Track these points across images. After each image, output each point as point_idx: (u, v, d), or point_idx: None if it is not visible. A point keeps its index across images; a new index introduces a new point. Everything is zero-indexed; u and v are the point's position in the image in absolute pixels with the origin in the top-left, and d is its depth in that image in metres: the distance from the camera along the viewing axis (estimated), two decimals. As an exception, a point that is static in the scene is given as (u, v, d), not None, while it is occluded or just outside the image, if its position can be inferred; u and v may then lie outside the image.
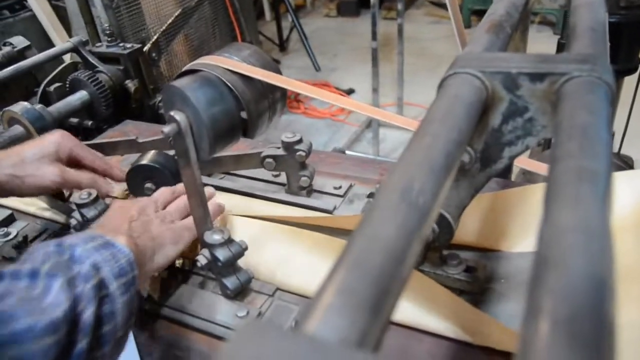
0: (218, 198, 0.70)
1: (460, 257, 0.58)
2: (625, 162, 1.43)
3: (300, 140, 0.73)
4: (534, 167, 0.72)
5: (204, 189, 0.59)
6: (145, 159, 0.75)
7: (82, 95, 1.15)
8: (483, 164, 0.47)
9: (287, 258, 0.65)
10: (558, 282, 0.19)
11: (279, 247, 0.66)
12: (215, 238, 0.58)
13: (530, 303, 0.19)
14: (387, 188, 0.27)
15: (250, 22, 2.62)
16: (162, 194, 0.66)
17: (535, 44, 0.84)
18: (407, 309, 0.55)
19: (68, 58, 1.30)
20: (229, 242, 0.59)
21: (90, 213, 0.67)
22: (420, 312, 0.55)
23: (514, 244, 0.64)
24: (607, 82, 0.34)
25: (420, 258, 0.58)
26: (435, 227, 0.51)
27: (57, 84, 1.15)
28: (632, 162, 1.47)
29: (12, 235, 0.77)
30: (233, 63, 0.69)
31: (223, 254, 0.58)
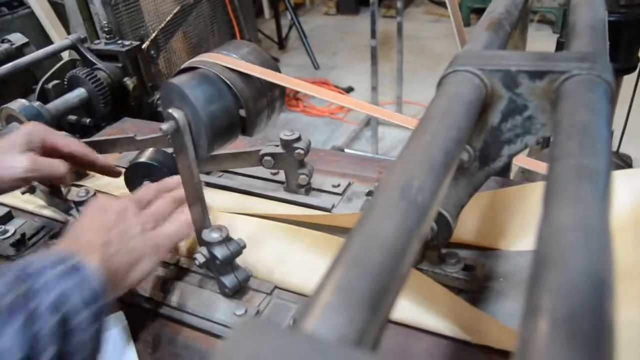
0: (215, 196, 0.69)
1: (459, 255, 0.58)
2: (624, 160, 1.43)
3: (299, 138, 0.73)
4: (533, 165, 0.72)
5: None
6: (144, 157, 0.75)
7: (80, 93, 1.14)
8: (482, 162, 0.47)
9: (285, 256, 0.64)
10: (557, 280, 0.19)
11: (278, 245, 0.66)
12: (214, 236, 0.58)
13: (529, 302, 0.19)
14: (386, 186, 0.27)
15: (249, 19, 2.62)
16: (146, 193, 0.63)
17: (535, 43, 0.84)
18: (405, 308, 0.55)
19: (66, 55, 1.29)
20: (227, 240, 0.59)
21: (88, 211, 0.67)
22: (419, 310, 0.55)
23: (513, 243, 0.64)
24: (606, 80, 0.34)
25: (419, 256, 0.58)
26: (434, 225, 0.50)
27: (55, 82, 1.14)
28: (631, 160, 1.47)
29: (9, 233, 0.77)
30: (232, 61, 0.68)
31: (221, 252, 0.58)
